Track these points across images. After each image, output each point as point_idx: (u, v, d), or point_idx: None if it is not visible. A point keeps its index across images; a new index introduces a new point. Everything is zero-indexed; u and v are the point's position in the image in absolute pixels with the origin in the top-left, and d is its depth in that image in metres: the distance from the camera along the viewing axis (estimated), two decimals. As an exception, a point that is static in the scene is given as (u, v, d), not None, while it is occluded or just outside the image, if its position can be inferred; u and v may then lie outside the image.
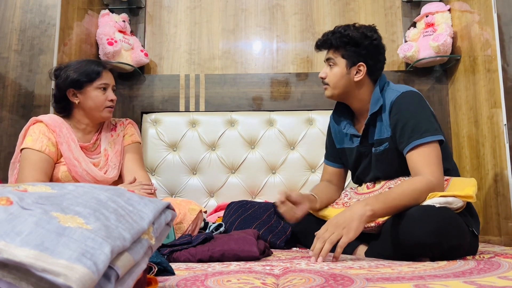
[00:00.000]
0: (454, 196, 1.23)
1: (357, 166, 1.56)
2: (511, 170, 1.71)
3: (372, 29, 1.48)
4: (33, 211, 0.47)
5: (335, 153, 1.64)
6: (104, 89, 1.57)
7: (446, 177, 1.34)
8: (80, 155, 1.55)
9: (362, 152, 1.51)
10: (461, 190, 1.26)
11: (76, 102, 1.56)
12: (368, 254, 1.32)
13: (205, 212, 1.66)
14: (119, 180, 1.65)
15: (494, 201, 1.85)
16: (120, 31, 2.37)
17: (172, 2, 2.56)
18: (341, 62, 1.46)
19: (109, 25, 2.32)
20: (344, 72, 1.46)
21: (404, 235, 1.18)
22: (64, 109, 1.61)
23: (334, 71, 1.48)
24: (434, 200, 1.22)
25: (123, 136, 1.69)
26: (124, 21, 2.40)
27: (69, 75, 1.54)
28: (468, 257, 1.24)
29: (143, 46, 2.50)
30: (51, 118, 1.57)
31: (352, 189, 1.58)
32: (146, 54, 2.40)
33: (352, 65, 1.45)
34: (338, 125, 1.60)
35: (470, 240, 1.26)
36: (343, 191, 1.61)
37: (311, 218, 1.53)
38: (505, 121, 1.75)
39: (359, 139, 1.50)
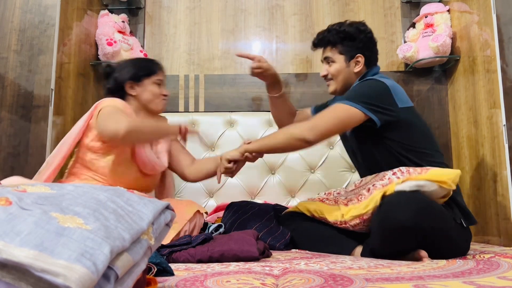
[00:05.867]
0: (426, 180, 1.24)
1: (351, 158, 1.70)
2: (510, 171, 1.71)
3: (364, 24, 1.61)
4: (32, 211, 0.47)
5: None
6: (159, 84, 1.66)
7: (427, 168, 1.32)
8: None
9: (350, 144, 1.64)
10: (436, 176, 1.26)
11: (134, 94, 1.63)
12: (363, 254, 1.34)
13: (206, 213, 1.65)
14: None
15: (493, 202, 1.85)
16: (120, 32, 2.36)
17: (172, 3, 2.56)
18: (339, 58, 1.56)
19: (109, 25, 2.32)
20: (344, 66, 1.56)
21: (385, 222, 1.20)
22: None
23: (334, 67, 1.57)
24: (404, 185, 1.24)
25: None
26: (123, 21, 2.40)
27: (128, 69, 1.64)
28: (468, 256, 1.25)
29: (143, 46, 2.50)
30: (122, 102, 1.56)
31: (343, 188, 1.61)
32: (145, 55, 2.40)
33: (351, 59, 1.56)
34: None
35: (459, 233, 1.27)
36: (336, 190, 1.62)
37: (301, 220, 1.55)
38: (504, 122, 1.75)
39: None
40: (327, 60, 1.59)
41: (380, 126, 1.41)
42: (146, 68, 1.65)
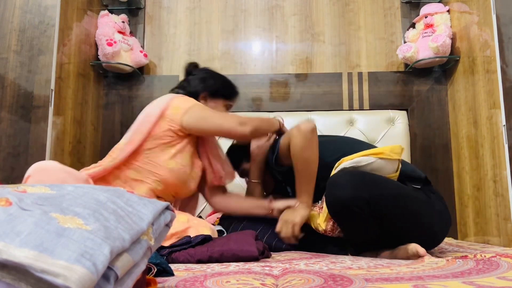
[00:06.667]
0: (361, 156, 1.29)
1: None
2: (510, 171, 1.71)
3: None
4: (33, 211, 0.47)
5: None
6: (227, 109, 1.66)
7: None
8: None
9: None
10: (371, 151, 1.31)
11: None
12: (351, 251, 1.38)
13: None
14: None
15: (493, 202, 1.85)
16: (120, 32, 2.37)
17: (172, 3, 2.56)
18: None
19: (109, 25, 2.32)
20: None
21: (329, 202, 1.27)
22: None
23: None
24: (342, 165, 1.30)
25: None
26: (123, 21, 2.40)
27: (212, 82, 1.63)
28: (469, 255, 1.24)
29: (143, 46, 2.50)
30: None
31: None
32: (145, 55, 2.40)
33: None
34: None
35: (417, 194, 1.30)
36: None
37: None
38: (504, 122, 1.75)
39: None
40: None
41: None
42: (227, 90, 1.65)
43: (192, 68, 1.69)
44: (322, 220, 1.39)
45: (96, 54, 2.35)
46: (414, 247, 1.21)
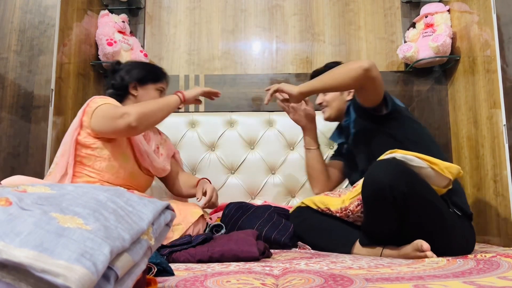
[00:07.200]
0: (415, 156, 1.29)
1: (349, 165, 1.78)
2: (511, 171, 1.71)
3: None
4: (32, 211, 0.47)
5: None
6: (161, 92, 1.71)
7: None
8: (141, 137, 1.62)
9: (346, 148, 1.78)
10: (427, 157, 1.30)
11: (135, 94, 1.66)
12: (361, 240, 1.38)
13: (210, 219, 1.65)
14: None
15: (493, 202, 1.85)
16: (120, 32, 2.37)
17: (172, 3, 2.56)
18: None
19: (109, 25, 2.32)
20: (338, 94, 1.75)
21: (365, 183, 1.28)
22: (119, 99, 1.65)
23: (329, 95, 1.76)
24: (393, 155, 1.30)
25: (168, 145, 1.84)
26: (123, 21, 2.40)
27: (137, 71, 1.69)
28: (469, 255, 1.24)
29: (143, 46, 2.50)
30: (114, 100, 1.59)
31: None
32: (145, 55, 2.40)
33: None
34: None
35: (454, 217, 1.33)
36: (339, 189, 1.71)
37: (310, 213, 1.59)
38: (504, 122, 1.75)
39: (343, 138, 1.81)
40: None
41: (387, 115, 1.53)
42: (153, 74, 1.70)
43: (115, 65, 1.75)
44: (348, 197, 1.42)
45: (96, 54, 2.35)
46: (419, 241, 1.21)
